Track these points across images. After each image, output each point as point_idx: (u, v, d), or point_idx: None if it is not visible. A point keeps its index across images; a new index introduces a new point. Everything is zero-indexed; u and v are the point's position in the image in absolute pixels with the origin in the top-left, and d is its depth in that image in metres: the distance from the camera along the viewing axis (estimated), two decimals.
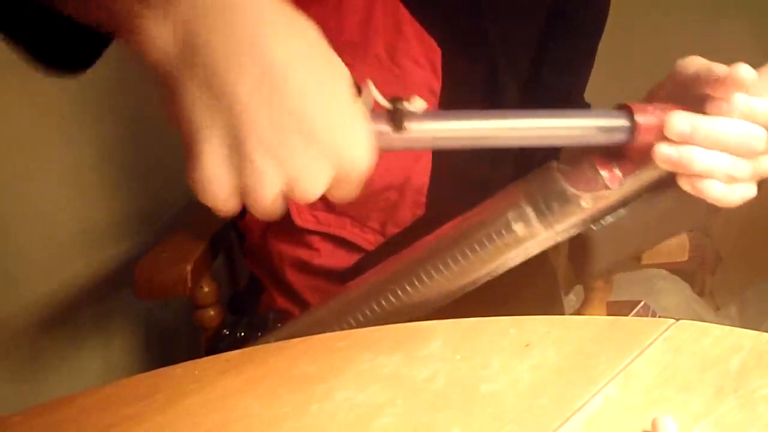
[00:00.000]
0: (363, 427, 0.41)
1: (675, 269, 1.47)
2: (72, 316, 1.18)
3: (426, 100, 0.40)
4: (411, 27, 0.67)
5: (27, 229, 1.08)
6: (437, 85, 0.68)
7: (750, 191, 0.49)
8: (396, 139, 0.40)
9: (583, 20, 0.75)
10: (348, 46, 0.66)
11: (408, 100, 0.39)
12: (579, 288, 1.34)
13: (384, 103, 0.39)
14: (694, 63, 0.48)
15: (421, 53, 0.68)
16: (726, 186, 0.47)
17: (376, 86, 0.67)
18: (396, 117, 0.38)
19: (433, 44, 0.68)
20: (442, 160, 0.69)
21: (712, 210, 0.52)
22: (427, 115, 0.40)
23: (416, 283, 0.53)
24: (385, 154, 0.67)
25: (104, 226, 1.18)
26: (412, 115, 0.39)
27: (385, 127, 0.39)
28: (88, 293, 1.18)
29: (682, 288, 1.48)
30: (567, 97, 0.80)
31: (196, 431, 0.41)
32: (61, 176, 1.11)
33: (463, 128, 0.42)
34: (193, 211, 0.97)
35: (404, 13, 0.66)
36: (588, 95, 0.81)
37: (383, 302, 0.54)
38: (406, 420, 0.41)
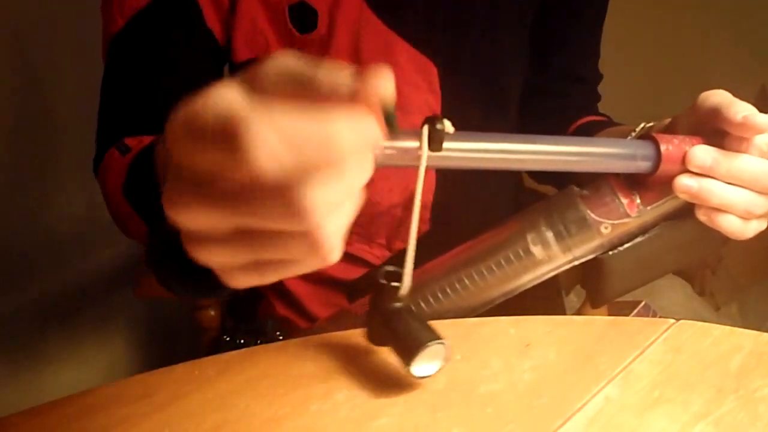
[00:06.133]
0: (363, 427, 0.41)
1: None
2: (72, 316, 1.18)
3: None
4: (403, 50, 0.66)
5: (27, 229, 1.09)
6: (437, 104, 0.68)
7: (762, 226, 0.50)
8: (430, 158, 0.41)
9: None
10: None
11: (440, 121, 0.40)
12: (579, 288, 1.34)
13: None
14: (716, 97, 0.48)
15: (417, 75, 0.67)
16: (741, 221, 0.48)
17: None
18: (434, 138, 0.39)
19: (428, 63, 0.67)
20: (445, 178, 0.69)
21: (725, 241, 0.53)
22: (458, 135, 0.41)
23: (431, 300, 0.54)
24: (387, 175, 0.68)
25: (104, 226, 1.18)
26: (448, 136, 0.40)
27: (415, 146, 0.40)
28: (88, 293, 1.18)
29: (683, 288, 1.47)
30: (578, 74, 0.80)
31: (196, 431, 0.41)
32: (61, 176, 1.11)
33: (492, 149, 0.43)
34: None
35: (394, 38, 0.66)
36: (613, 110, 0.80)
37: None
38: (406, 420, 0.41)
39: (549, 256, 0.52)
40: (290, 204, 0.27)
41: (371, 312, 0.45)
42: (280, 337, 0.75)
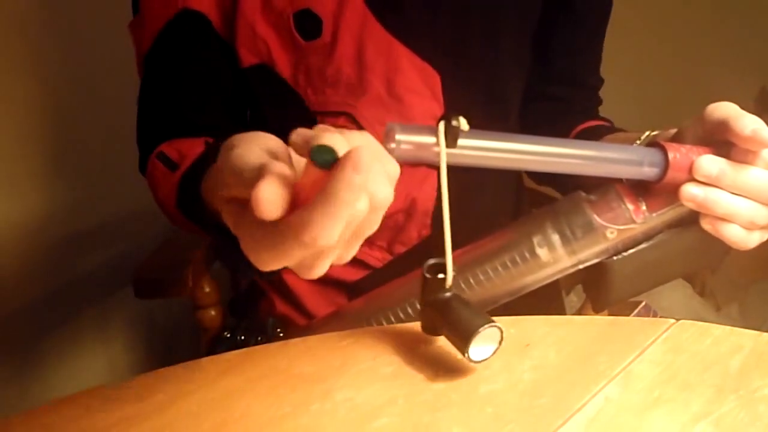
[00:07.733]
0: (363, 427, 0.41)
1: None
2: (72, 316, 1.18)
3: None
4: (406, 58, 0.67)
5: (28, 229, 1.09)
6: (439, 110, 0.69)
7: (764, 237, 0.50)
8: (447, 154, 0.42)
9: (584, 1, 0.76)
10: (348, 87, 0.66)
11: (455, 118, 0.41)
12: (579, 288, 1.34)
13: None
14: (725, 109, 0.49)
15: (420, 82, 0.68)
16: (745, 231, 0.49)
17: (379, 123, 0.68)
18: (449, 134, 0.41)
19: (431, 71, 0.68)
20: (447, 184, 0.70)
21: (727, 250, 0.53)
22: (473, 133, 0.42)
23: None
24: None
25: (105, 227, 1.18)
26: (463, 133, 0.41)
27: (431, 141, 0.41)
28: (88, 293, 1.18)
29: (683, 288, 1.47)
30: (580, 78, 0.80)
31: (196, 431, 0.41)
32: (61, 177, 1.11)
33: (504, 148, 0.44)
34: None
35: (397, 46, 0.66)
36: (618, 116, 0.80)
37: (400, 313, 0.56)
38: (406, 420, 0.41)
39: (554, 259, 0.52)
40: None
41: (422, 305, 0.46)
42: (281, 334, 0.75)
